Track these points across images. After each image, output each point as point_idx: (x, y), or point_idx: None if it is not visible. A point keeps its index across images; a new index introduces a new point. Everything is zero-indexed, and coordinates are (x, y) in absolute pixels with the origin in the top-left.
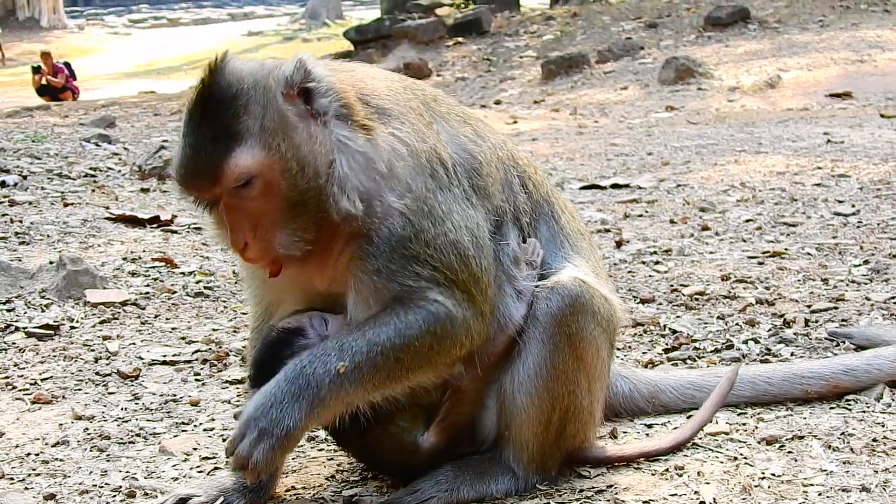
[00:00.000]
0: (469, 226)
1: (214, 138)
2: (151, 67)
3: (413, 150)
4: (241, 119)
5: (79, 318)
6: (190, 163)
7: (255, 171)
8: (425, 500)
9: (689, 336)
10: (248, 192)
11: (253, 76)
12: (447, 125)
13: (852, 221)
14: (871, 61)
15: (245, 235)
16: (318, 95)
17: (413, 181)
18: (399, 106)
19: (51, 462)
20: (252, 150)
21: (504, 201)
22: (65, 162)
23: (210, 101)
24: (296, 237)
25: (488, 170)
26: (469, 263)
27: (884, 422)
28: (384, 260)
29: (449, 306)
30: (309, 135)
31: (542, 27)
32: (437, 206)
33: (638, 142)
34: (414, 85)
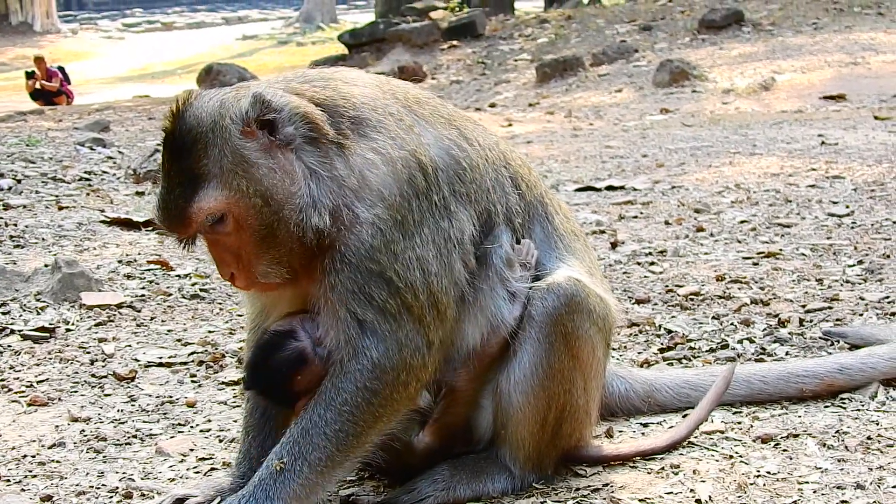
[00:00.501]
0: (437, 240)
1: (181, 183)
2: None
3: (388, 158)
4: (201, 163)
5: (74, 321)
6: (163, 206)
7: (221, 210)
8: (422, 500)
9: (684, 336)
10: (222, 228)
11: (211, 117)
12: (430, 128)
13: (846, 222)
14: (864, 63)
15: (230, 267)
16: (281, 125)
17: (387, 189)
18: (376, 113)
19: (47, 464)
20: (214, 192)
21: (495, 202)
22: (59, 166)
23: (174, 148)
24: (272, 267)
25: (473, 174)
26: (431, 282)
27: (878, 420)
28: (346, 274)
29: (378, 356)
30: (272, 167)
31: (537, 30)
32: (409, 217)
33: (633, 144)
34: (395, 88)
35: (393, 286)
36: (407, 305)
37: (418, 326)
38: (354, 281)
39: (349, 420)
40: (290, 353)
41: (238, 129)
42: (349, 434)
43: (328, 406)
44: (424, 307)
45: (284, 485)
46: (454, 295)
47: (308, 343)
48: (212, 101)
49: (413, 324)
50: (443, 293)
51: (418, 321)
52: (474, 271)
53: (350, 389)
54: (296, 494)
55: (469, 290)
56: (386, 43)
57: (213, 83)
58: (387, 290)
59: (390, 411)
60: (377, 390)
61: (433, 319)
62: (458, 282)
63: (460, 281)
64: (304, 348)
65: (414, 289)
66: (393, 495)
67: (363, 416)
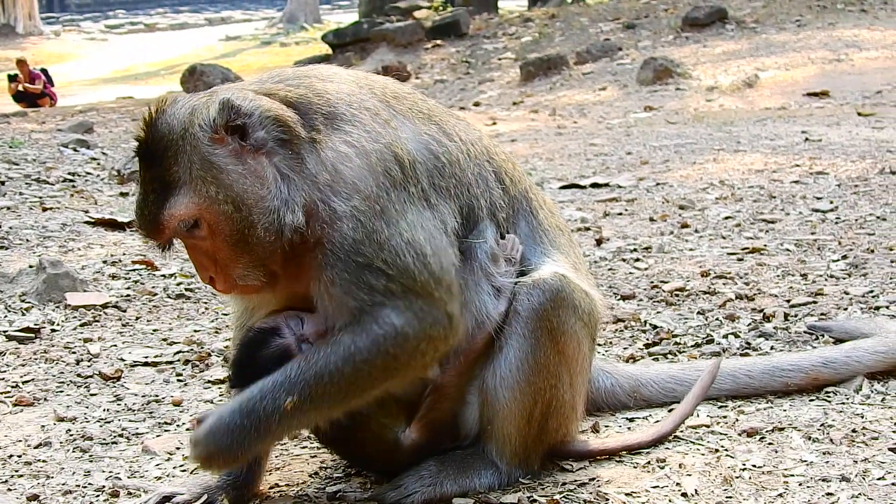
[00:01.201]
0: (426, 225)
1: (154, 190)
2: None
3: (362, 150)
4: (171, 170)
5: (59, 321)
6: (139, 213)
7: (192, 216)
8: (409, 496)
9: (669, 331)
10: (197, 233)
11: (182, 125)
12: (408, 123)
13: (830, 218)
14: (848, 60)
15: (208, 271)
16: (252, 129)
17: (362, 182)
18: (351, 108)
19: (33, 463)
20: (184, 199)
21: (478, 197)
22: (43, 167)
23: (146, 156)
24: (248, 270)
25: (453, 168)
26: (428, 263)
27: (863, 413)
28: (340, 268)
29: (401, 323)
30: (242, 173)
31: (521, 29)
32: (389, 206)
33: (617, 142)
34: (373, 83)
35: (386, 274)
36: (409, 287)
37: (431, 301)
38: (351, 273)
39: (364, 376)
40: (275, 351)
41: (207, 136)
42: (360, 387)
43: (346, 360)
44: (429, 285)
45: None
46: (455, 275)
47: (292, 340)
48: (184, 107)
49: (424, 300)
50: (444, 272)
51: (428, 297)
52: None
53: (372, 351)
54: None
55: (460, 278)
56: (370, 43)
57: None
58: (384, 277)
59: (403, 374)
60: (398, 356)
61: (443, 294)
62: (455, 265)
63: (455, 266)
64: (289, 345)
65: (410, 273)
66: (379, 491)
67: (378, 374)
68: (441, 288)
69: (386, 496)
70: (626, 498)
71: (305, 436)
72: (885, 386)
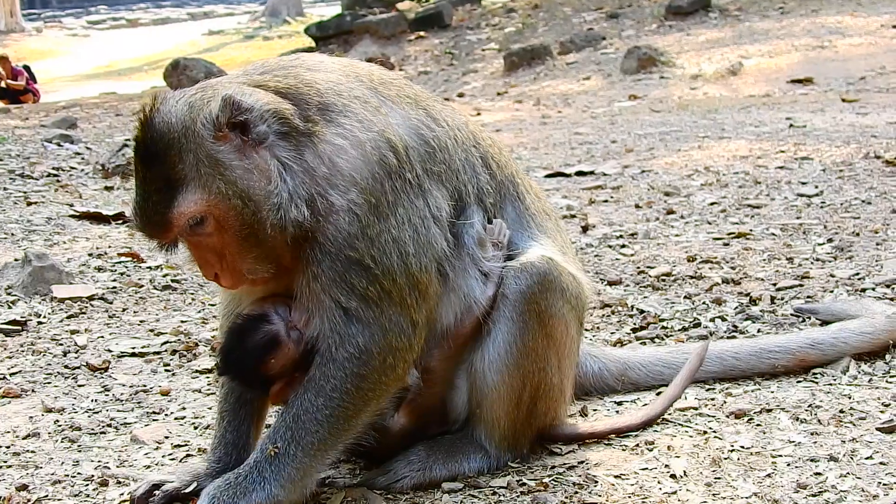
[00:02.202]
0: (413, 219)
1: (157, 189)
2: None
3: (357, 142)
4: (176, 168)
5: (46, 314)
6: (141, 214)
7: (201, 213)
8: (398, 481)
9: (656, 315)
10: (203, 230)
11: (182, 123)
12: (398, 109)
13: (816, 202)
14: (831, 47)
15: (214, 267)
16: (253, 125)
17: (358, 173)
18: (341, 97)
19: (22, 454)
20: (193, 196)
21: (466, 182)
22: (27, 162)
23: (147, 155)
24: (259, 264)
25: (442, 155)
26: (409, 264)
27: (850, 393)
28: (327, 263)
29: (364, 341)
30: (247, 167)
31: (504, 20)
32: (382, 199)
33: (602, 130)
34: (360, 71)
35: (371, 273)
36: (386, 291)
37: (400, 310)
38: (335, 270)
39: (340, 405)
40: (264, 337)
41: (210, 133)
42: (340, 418)
43: (318, 393)
44: (404, 290)
45: (279, 468)
46: (435, 271)
47: (281, 326)
48: (179, 104)
49: (395, 307)
50: (422, 272)
51: (399, 305)
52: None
53: (339, 376)
54: (290, 477)
55: (448, 264)
56: (353, 35)
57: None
58: (366, 277)
59: (379, 393)
60: (365, 375)
61: (414, 301)
62: (439, 256)
63: (443, 254)
64: (278, 332)
65: (392, 273)
66: (369, 477)
67: (353, 401)
68: (415, 293)
69: (375, 481)
70: (615, 480)
71: None
72: (871, 366)
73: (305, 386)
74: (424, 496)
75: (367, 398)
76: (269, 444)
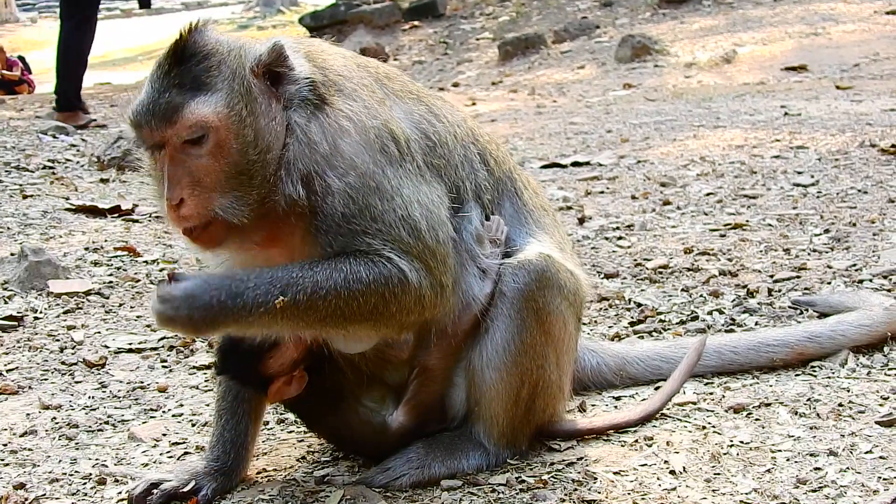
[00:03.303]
0: (422, 200)
1: (181, 84)
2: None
3: (361, 127)
4: (210, 74)
5: (42, 309)
6: (150, 101)
7: (212, 124)
8: (397, 478)
9: (654, 309)
10: (196, 150)
11: (228, 44)
12: (401, 102)
13: (812, 192)
14: (825, 34)
15: (183, 191)
16: (287, 82)
17: (358, 158)
18: (352, 83)
19: (19, 451)
20: (215, 104)
21: (464, 179)
22: (22, 154)
23: (184, 54)
24: (237, 203)
25: (442, 150)
26: (422, 237)
27: (849, 387)
28: (332, 234)
29: (405, 270)
30: (268, 114)
31: (498, 9)
32: (385, 182)
33: (597, 120)
34: (367, 63)
35: (380, 239)
36: (405, 251)
37: (427, 267)
38: (346, 237)
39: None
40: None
41: (251, 65)
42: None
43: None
44: (424, 254)
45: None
46: (451, 249)
47: None
48: (227, 34)
49: (422, 263)
50: (439, 245)
51: (425, 263)
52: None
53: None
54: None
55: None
56: (347, 25)
57: None
58: (380, 240)
59: (383, 324)
60: (390, 301)
61: (438, 264)
62: (452, 236)
63: (454, 235)
64: None
65: (405, 242)
66: (368, 475)
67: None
68: (436, 259)
69: (374, 479)
70: (614, 477)
71: (292, 420)
72: (870, 359)
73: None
74: (423, 494)
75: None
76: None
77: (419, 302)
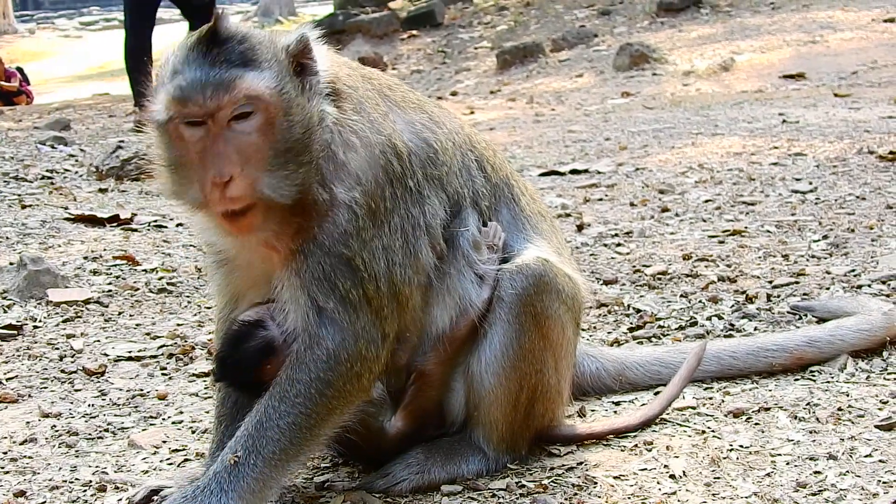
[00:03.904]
0: (405, 227)
1: (229, 61)
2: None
3: (367, 142)
4: (256, 53)
5: (42, 318)
6: (201, 75)
7: (265, 99)
8: (396, 484)
9: (653, 314)
10: (243, 126)
11: (257, 31)
12: (402, 113)
13: (810, 198)
14: (823, 42)
15: (234, 167)
16: (310, 73)
17: (363, 174)
18: (357, 92)
19: (19, 460)
20: (266, 80)
21: (462, 186)
22: (21, 165)
23: (220, 37)
24: (284, 184)
25: (444, 157)
26: (394, 273)
27: (848, 391)
28: (317, 257)
29: (335, 346)
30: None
31: (496, 18)
32: (381, 205)
33: (595, 128)
34: (369, 73)
35: (358, 275)
36: (368, 297)
37: (375, 318)
38: (322, 267)
39: (302, 412)
40: (259, 343)
41: (284, 49)
42: (302, 427)
43: (282, 398)
44: (384, 298)
45: (238, 479)
46: (418, 283)
47: (276, 332)
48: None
49: (371, 315)
50: (405, 284)
51: (376, 313)
52: (444, 255)
53: (304, 380)
54: (250, 488)
55: (436, 274)
56: (345, 34)
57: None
58: (351, 279)
59: (343, 403)
60: (331, 381)
61: (391, 312)
62: (424, 269)
63: (427, 267)
64: (273, 337)
65: (377, 279)
66: (367, 480)
67: (316, 408)
68: (393, 303)
69: (374, 485)
70: (614, 481)
71: None
72: (869, 364)
73: (270, 391)
74: (423, 499)
75: (330, 407)
76: (228, 453)
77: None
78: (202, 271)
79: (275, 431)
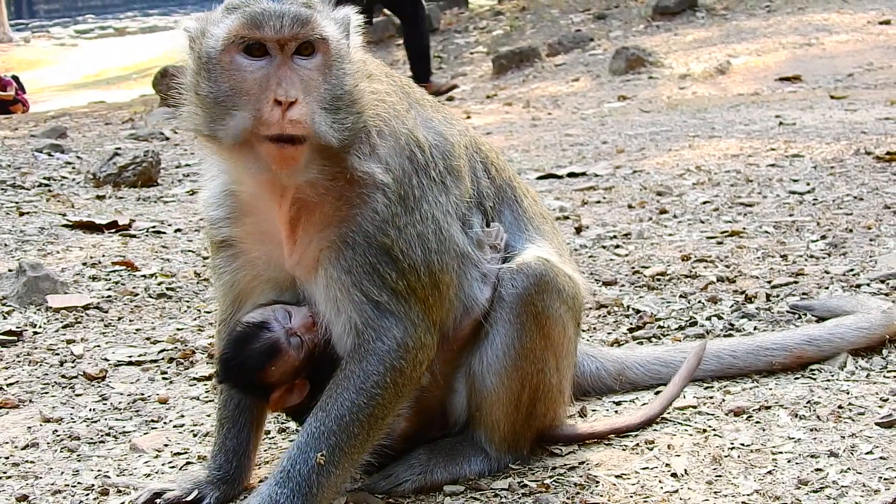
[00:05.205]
0: (436, 215)
1: (305, 3)
2: (100, 77)
3: (393, 132)
4: (321, 4)
5: (41, 324)
6: (276, 7)
7: (331, 40)
8: (399, 484)
9: (652, 315)
10: (306, 61)
11: None
12: (421, 110)
13: (808, 199)
14: (818, 44)
15: (299, 91)
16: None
17: (392, 161)
18: (384, 84)
19: (21, 464)
20: (334, 25)
21: (470, 185)
22: (18, 173)
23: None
24: (336, 125)
25: (459, 151)
26: (431, 261)
27: (848, 389)
28: (361, 249)
29: (401, 334)
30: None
31: (492, 22)
32: (409, 192)
33: (592, 131)
34: (391, 71)
35: (399, 266)
36: (412, 287)
37: (423, 307)
38: (368, 259)
39: (380, 403)
40: (264, 345)
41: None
42: (378, 417)
43: (359, 391)
44: (427, 288)
45: (326, 477)
46: (454, 270)
47: (281, 333)
48: None
49: (420, 305)
50: (443, 272)
51: (423, 302)
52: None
53: (380, 371)
54: (333, 485)
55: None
56: None
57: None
58: (395, 270)
59: (409, 390)
60: (403, 369)
61: (435, 300)
62: (459, 252)
63: (463, 250)
64: (278, 339)
65: (416, 269)
66: (370, 481)
67: (390, 397)
68: (436, 293)
69: (376, 486)
70: (616, 480)
71: (294, 429)
72: (868, 362)
73: (341, 385)
74: (426, 499)
75: (400, 394)
76: (312, 453)
77: (424, 351)
78: (201, 276)
79: (356, 425)
